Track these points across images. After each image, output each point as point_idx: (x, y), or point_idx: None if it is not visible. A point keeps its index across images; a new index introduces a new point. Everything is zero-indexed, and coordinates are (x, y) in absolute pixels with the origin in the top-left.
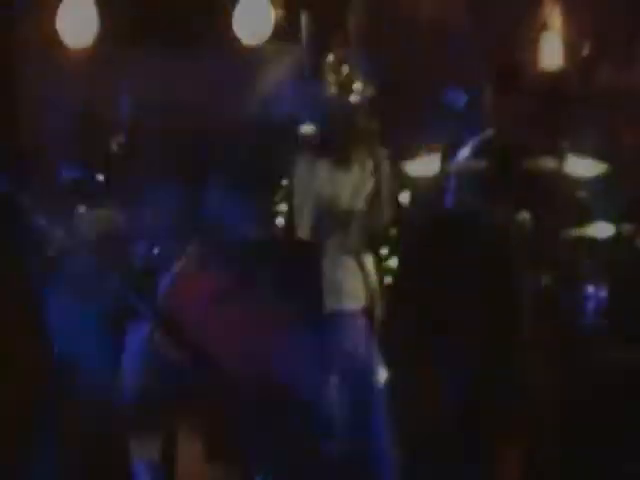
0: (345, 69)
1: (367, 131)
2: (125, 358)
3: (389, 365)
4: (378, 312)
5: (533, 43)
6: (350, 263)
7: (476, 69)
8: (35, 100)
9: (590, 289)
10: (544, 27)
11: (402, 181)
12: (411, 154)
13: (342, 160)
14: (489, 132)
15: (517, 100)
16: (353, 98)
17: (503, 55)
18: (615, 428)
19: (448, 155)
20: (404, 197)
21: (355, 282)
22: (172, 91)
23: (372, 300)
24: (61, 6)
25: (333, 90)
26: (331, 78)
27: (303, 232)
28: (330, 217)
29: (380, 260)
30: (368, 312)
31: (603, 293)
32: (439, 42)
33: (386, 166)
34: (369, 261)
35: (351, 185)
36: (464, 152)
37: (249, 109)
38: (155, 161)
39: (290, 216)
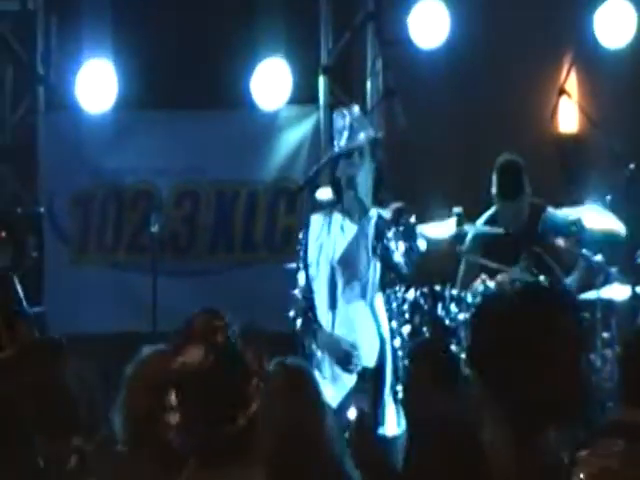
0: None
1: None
2: None
3: None
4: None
5: (551, 108)
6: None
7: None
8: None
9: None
10: (562, 92)
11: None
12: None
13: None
14: None
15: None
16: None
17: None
18: None
19: (464, 220)
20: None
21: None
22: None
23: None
24: (80, 72)
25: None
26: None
27: (319, 286)
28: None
29: None
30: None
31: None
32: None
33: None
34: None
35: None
36: (485, 215)
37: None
38: None
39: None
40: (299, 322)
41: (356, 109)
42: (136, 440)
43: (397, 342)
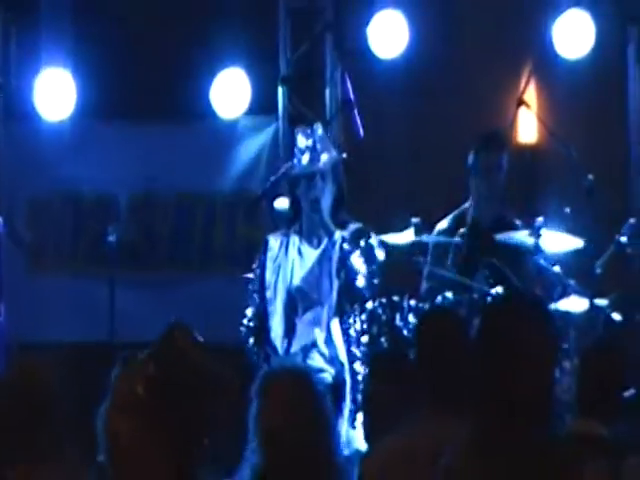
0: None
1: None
2: None
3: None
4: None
5: (510, 119)
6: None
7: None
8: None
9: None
10: (520, 103)
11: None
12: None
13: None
14: (465, 205)
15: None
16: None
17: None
18: None
19: (423, 228)
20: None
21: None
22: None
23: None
24: (38, 79)
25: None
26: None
27: (275, 309)
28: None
29: None
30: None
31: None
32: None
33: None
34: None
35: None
36: (441, 225)
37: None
38: None
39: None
40: (250, 342)
41: (319, 129)
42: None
43: (357, 366)
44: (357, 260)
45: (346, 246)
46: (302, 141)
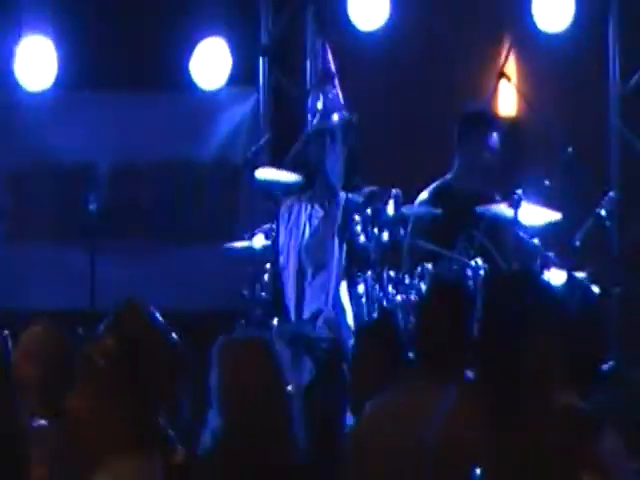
0: None
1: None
2: None
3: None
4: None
5: (490, 91)
6: None
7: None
8: None
9: None
10: (501, 76)
11: None
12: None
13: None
14: (447, 177)
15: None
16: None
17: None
18: None
19: (403, 199)
20: None
21: None
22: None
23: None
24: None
25: None
26: None
27: (289, 274)
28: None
29: None
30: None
31: None
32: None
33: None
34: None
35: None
36: (422, 196)
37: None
38: None
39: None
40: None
41: (333, 90)
42: None
43: None
44: (362, 221)
45: (351, 206)
46: (315, 103)
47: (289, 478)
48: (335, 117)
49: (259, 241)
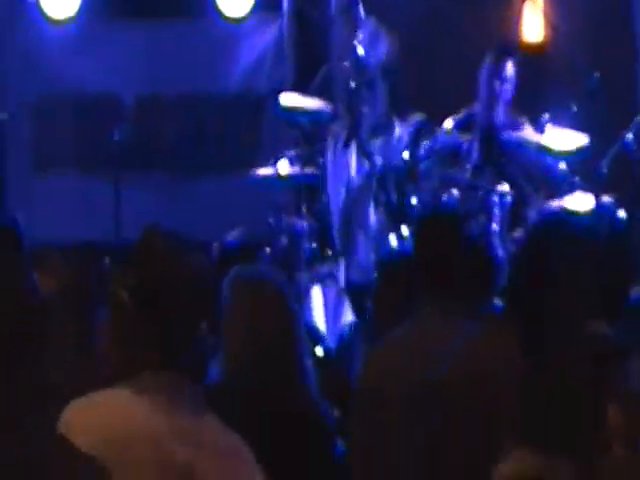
0: None
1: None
2: None
3: None
4: None
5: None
6: None
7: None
8: None
9: None
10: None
11: None
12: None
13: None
14: (474, 108)
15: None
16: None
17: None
18: None
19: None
20: None
21: None
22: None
23: None
24: None
25: None
26: None
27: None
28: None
29: None
30: None
31: None
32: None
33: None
34: None
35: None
36: (447, 124)
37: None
38: None
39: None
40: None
41: (371, 22)
42: None
43: None
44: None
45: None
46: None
47: (299, 426)
48: (373, 59)
49: (283, 167)
